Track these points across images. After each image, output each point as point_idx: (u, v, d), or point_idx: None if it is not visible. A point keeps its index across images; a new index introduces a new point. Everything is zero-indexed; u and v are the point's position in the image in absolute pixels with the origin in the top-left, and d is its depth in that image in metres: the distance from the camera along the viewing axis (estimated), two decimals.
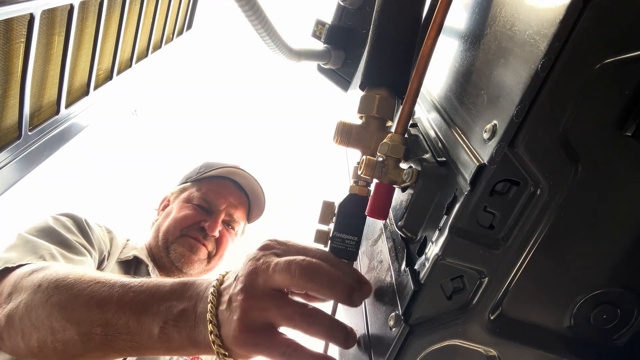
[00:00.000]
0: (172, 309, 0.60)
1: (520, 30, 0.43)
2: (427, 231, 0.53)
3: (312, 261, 0.53)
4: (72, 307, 0.67)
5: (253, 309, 0.53)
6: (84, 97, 1.15)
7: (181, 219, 1.40)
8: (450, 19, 0.56)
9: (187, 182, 1.54)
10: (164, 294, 0.62)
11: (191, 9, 1.71)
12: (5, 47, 0.79)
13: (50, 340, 0.68)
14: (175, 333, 0.59)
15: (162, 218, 1.47)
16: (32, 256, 0.95)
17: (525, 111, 0.39)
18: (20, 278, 0.79)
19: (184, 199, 1.47)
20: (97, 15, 1.04)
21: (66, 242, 1.09)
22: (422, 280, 0.49)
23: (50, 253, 1.00)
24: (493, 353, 0.50)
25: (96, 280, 0.69)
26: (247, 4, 1.26)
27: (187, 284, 0.62)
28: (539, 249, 0.45)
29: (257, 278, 0.54)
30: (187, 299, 0.60)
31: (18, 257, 0.92)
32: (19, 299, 0.75)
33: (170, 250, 1.37)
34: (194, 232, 1.39)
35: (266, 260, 0.55)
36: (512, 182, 0.43)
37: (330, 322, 0.54)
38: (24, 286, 0.76)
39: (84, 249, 1.13)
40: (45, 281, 0.73)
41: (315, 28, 1.56)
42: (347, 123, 0.64)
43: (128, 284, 0.66)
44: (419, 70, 0.52)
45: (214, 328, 0.55)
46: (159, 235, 1.41)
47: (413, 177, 0.52)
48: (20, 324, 0.72)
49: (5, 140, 0.90)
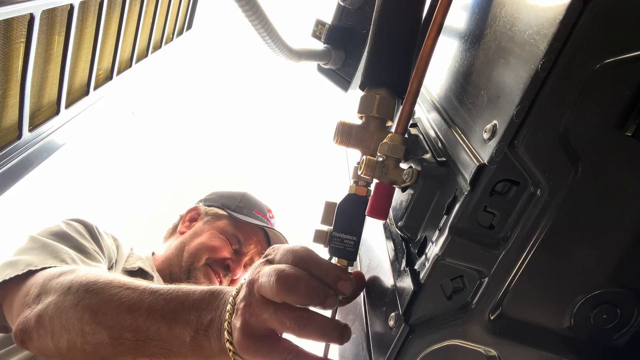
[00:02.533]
0: (201, 318, 0.62)
1: (520, 30, 0.43)
2: (427, 231, 0.53)
3: (289, 274, 0.53)
4: (103, 311, 0.69)
5: (251, 316, 0.55)
6: (84, 97, 1.15)
7: (212, 248, 1.40)
8: (450, 19, 0.56)
9: (224, 211, 1.53)
10: (194, 303, 0.64)
11: (191, 9, 1.71)
12: (5, 47, 0.79)
13: (80, 342, 0.70)
14: (206, 342, 0.61)
15: (189, 236, 1.46)
16: (54, 260, 0.96)
17: (525, 111, 0.39)
18: (49, 280, 0.80)
19: (218, 228, 1.47)
20: (97, 15, 1.04)
21: (82, 247, 1.10)
22: (422, 280, 0.49)
23: (71, 257, 1.00)
24: (493, 353, 0.50)
25: (126, 286, 0.71)
26: (247, 4, 1.26)
27: (215, 292, 0.65)
28: (539, 249, 0.45)
29: (254, 287, 0.56)
30: (215, 308, 0.62)
31: (39, 260, 0.93)
32: (48, 299, 0.76)
33: (191, 276, 1.36)
34: (218, 267, 1.40)
35: (258, 269, 0.58)
36: (512, 182, 0.43)
37: (321, 323, 0.54)
38: (53, 287, 0.77)
39: (98, 256, 1.13)
40: (75, 283, 0.75)
41: (315, 28, 1.56)
42: (347, 123, 0.64)
43: (157, 290, 0.68)
44: (419, 70, 0.52)
45: (229, 335, 0.57)
46: (183, 254, 1.40)
47: (413, 177, 0.52)
48: (50, 325, 0.73)
49: (5, 140, 0.90)
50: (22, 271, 0.88)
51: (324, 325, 0.54)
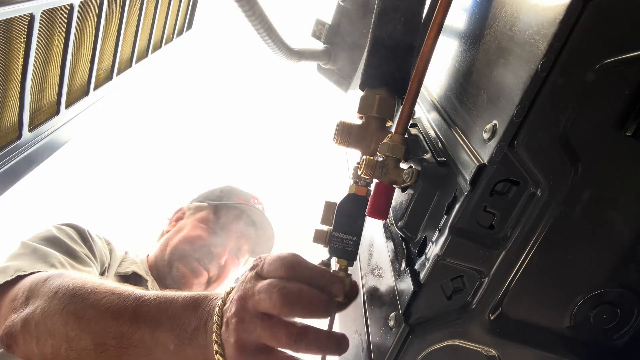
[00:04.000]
0: (185, 325, 0.62)
1: (520, 30, 0.43)
2: (427, 231, 0.53)
3: (290, 290, 0.53)
4: (88, 317, 0.68)
5: (245, 332, 0.55)
6: (84, 97, 1.15)
7: (193, 238, 1.40)
8: (450, 19, 0.56)
9: (205, 203, 1.54)
10: (177, 310, 0.64)
11: (191, 9, 1.71)
12: (5, 47, 0.79)
13: (65, 348, 0.69)
14: (190, 350, 0.61)
15: (173, 232, 1.46)
16: (43, 264, 0.96)
17: (525, 111, 0.39)
18: (36, 284, 0.80)
19: (199, 219, 1.46)
20: (97, 15, 1.04)
21: (72, 252, 1.09)
22: (422, 280, 0.49)
23: (60, 262, 1.00)
24: (493, 353, 0.50)
25: (112, 292, 0.70)
26: (247, 4, 1.26)
27: (199, 299, 0.64)
28: (538, 249, 0.45)
29: (246, 302, 0.56)
30: (199, 316, 0.62)
31: (29, 265, 0.92)
32: (35, 304, 0.75)
33: (174, 268, 1.36)
34: (202, 254, 1.38)
35: (251, 285, 0.57)
36: (512, 182, 0.43)
37: (317, 337, 0.54)
38: (40, 292, 0.77)
39: (89, 260, 1.13)
40: (62, 288, 0.74)
41: (315, 28, 1.56)
42: (347, 123, 0.64)
43: (142, 296, 0.68)
44: (419, 70, 0.52)
45: (219, 348, 0.57)
46: (166, 249, 1.40)
47: (413, 177, 0.52)
48: (36, 330, 0.72)
49: (5, 140, 0.90)
50: (11, 277, 0.87)
51: (320, 338, 0.54)
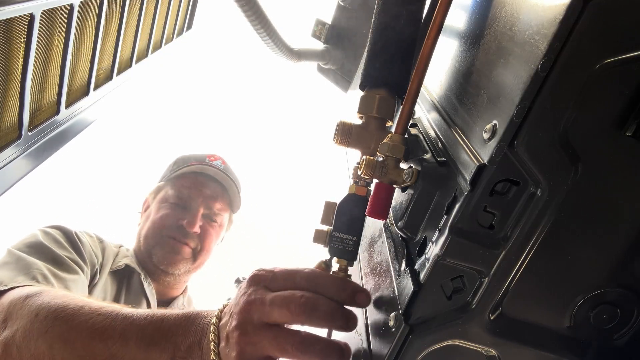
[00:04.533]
0: (179, 344, 0.61)
1: (520, 30, 0.43)
2: (427, 231, 0.53)
3: (310, 298, 0.53)
4: (74, 339, 0.67)
5: (248, 344, 0.55)
6: (84, 97, 1.15)
7: (159, 220, 1.38)
8: (451, 19, 0.56)
9: (162, 182, 1.52)
10: (169, 328, 0.63)
11: (191, 9, 1.71)
12: (5, 47, 0.79)
13: None
14: None
15: (142, 222, 1.45)
16: (24, 276, 0.93)
17: (525, 111, 0.39)
18: (14, 303, 0.78)
19: (160, 199, 1.44)
20: (97, 15, 1.04)
21: (57, 259, 1.06)
22: (422, 280, 0.49)
23: (42, 273, 0.97)
24: (493, 353, 0.50)
25: (97, 312, 0.69)
26: (247, 4, 1.26)
27: (191, 317, 0.63)
28: (538, 249, 0.45)
29: (252, 315, 0.55)
30: (192, 333, 0.61)
31: (9, 277, 0.90)
32: (14, 326, 0.73)
33: (153, 255, 1.35)
34: (174, 231, 1.36)
35: (259, 296, 0.56)
36: (512, 182, 0.43)
37: (322, 346, 0.54)
38: (19, 314, 0.75)
39: (76, 266, 1.10)
40: (43, 310, 0.72)
41: (315, 28, 1.56)
42: (347, 123, 0.64)
43: (131, 316, 0.67)
44: (419, 70, 0.52)
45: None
46: (140, 240, 1.40)
47: (413, 177, 0.52)
48: (18, 354, 0.71)
49: (5, 140, 0.90)
50: None
51: (325, 347, 0.54)
